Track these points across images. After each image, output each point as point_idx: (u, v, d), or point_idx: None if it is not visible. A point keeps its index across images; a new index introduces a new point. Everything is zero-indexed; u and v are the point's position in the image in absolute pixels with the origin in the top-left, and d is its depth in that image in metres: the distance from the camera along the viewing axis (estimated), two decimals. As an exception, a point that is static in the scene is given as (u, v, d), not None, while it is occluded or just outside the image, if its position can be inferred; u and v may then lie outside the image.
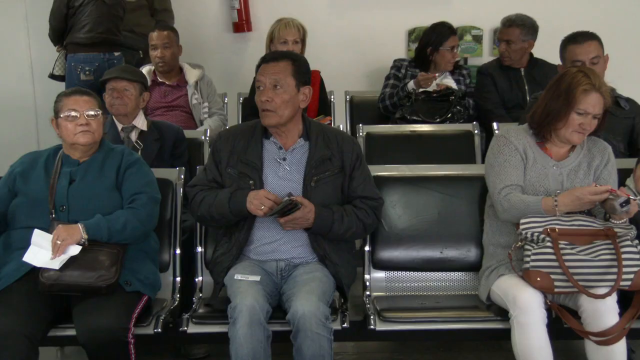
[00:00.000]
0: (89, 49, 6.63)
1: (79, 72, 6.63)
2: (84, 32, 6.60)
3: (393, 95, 6.04)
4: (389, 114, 6.07)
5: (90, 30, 6.59)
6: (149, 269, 3.90)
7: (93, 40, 6.62)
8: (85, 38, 6.60)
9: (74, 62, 6.67)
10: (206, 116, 5.92)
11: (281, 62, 3.79)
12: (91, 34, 6.60)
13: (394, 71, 6.26)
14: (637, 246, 3.66)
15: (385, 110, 6.11)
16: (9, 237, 3.84)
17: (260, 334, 3.49)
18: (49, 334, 3.65)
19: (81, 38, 6.62)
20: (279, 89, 3.77)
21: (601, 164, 3.91)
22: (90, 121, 3.83)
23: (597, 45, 4.73)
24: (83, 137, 3.83)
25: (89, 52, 6.64)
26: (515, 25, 6.09)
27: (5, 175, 3.94)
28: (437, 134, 5.59)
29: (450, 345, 4.70)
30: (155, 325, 3.71)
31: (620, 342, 3.54)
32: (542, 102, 3.83)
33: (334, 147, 3.91)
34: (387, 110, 6.09)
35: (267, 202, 3.65)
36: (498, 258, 3.91)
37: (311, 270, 3.79)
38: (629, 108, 4.84)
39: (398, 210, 4.21)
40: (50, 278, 3.59)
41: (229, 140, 3.97)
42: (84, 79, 6.58)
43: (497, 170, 3.87)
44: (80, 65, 6.65)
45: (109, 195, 3.84)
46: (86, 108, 3.85)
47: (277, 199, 3.67)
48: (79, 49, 6.64)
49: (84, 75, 6.60)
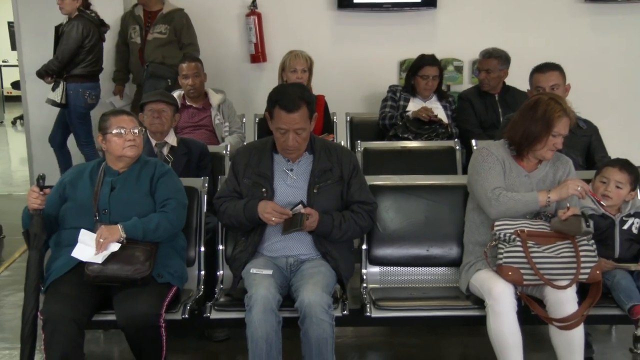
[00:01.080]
0: (93, 79, 7.12)
1: (87, 97, 7.05)
2: (91, 67, 7.03)
3: (393, 116, 6.05)
4: (387, 131, 6.07)
5: (96, 65, 7.09)
6: (178, 263, 3.90)
7: (96, 73, 7.14)
8: (92, 71, 7.07)
9: (81, 89, 7.03)
10: (227, 134, 5.91)
11: (300, 110, 3.73)
12: (96, 68, 7.12)
13: (391, 94, 6.24)
14: (593, 245, 3.69)
15: (384, 127, 6.11)
16: (59, 236, 3.83)
17: (273, 319, 3.50)
18: (93, 318, 3.65)
19: (88, 71, 7.03)
20: (302, 133, 3.78)
21: (564, 175, 3.92)
22: (135, 137, 3.86)
23: (558, 75, 4.74)
24: (130, 151, 3.85)
25: (92, 81, 7.11)
26: (493, 56, 6.11)
27: (56, 184, 3.93)
28: (424, 150, 5.57)
29: (435, 330, 4.68)
30: (182, 312, 3.72)
31: (579, 327, 3.58)
32: (521, 127, 3.82)
33: (334, 159, 3.91)
34: (385, 127, 6.09)
35: (276, 213, 3.68)
36: (476, 255, 3.90)
37: (316, 265, 3.79)
38: (586, 127, 4.87)
39: (391, 214, 4.20)
40: (94, 271, 3.60)
41: (245, 155, 3.98)
42: (90, 102, 7.12)
43: (484, 176, 3.86)
44: (87, 92, 7.06)
45: (144, 200, 3.84)
46: (132, 126, 3.87)
47: (284, 210, 3.70)
48: (85, 79, 7.03)
49: (90, 100, 7.10)
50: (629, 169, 3.92)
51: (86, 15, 6.89)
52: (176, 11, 7.26)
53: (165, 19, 7.21)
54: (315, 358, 3.53)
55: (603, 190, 3.90)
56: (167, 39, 7.18)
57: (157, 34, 7.18)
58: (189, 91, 5.90)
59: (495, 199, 3.77)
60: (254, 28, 7.89)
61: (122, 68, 7.51)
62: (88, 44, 6.89)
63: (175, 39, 7.20)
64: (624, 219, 3.93)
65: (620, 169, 3.90)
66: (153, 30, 7.20)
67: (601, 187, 3.91)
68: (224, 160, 5.05)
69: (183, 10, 7.29)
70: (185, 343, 4.44)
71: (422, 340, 4.60)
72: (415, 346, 4.55)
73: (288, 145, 3.80)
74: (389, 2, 7.92)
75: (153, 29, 7.20)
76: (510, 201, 3.76)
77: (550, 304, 3.62)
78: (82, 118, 7.10)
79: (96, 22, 6.97)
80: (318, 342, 3.50)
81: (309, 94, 3.91)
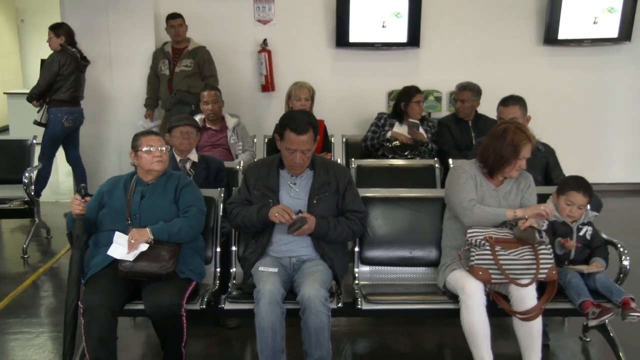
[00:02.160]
0: (70, 104, 7.06)
1: (64, 121, 7.05)
2: (69, 93, 7.00)
3: (373, 138, 6.05)
4: (368, 152, 6.07)
5: (73, 92, 7.04)
6: (197, 261, 3.89)
7: (72, 98, 7.06)
8: (69, 97, 7.02)
9: (60, 114, 7.02)
10: (240, 152, 5.90)
11: (307, 133, 3.74)
12: (74, 94, 7.05)
13: (376, 121, 6.24)
14: (550, 250, 3.69)
15: (366, 148, 6.11)
16: (97, 237, 3.83)
17: (277, 310, 3.49)
18: (125, 307, 3.64)
19: (67, 96, 7.00)
20: (307, 152, 3.79)
21: (525, 188, 3.93)
22: (162, 154, 3.86)
23: (518, 108, 4.77)
24: (157, 165, 3.85)
25: (70, 106, 7.06)
26: (467, 89, 6.13)
27: (95, 193, 3.93)
28: (408, 167, 5.56)
29: (416, 321, 4.67)
30: (200, 303, 3.70)
31: (538, 318, 3.58)
32: (492, 152, 3.83)
33: (331, 175, 3.91)
34: (367, 149, 6.09)
35: (285, 213, 3.68)
36: (451, 257, 3.89)
37: (315, 264, 3.79)
38: (544, 150, 4.88)
39: (379, 222, 4.18)
40: (126, 267, 3.61)
41: (255, 170, 3.98)
42: (67, 126, 7.10)
43: (460, 190, 3.86)
44: (65, 116, 7.06)
45: (169, 207, 3.84)
46: (159, 144, 3.87)
47: (291, 212, 3.69)
48: (63, 104, 7.00)
49: (67, 123, 7.09)
50: (590, 193, 3.91)
51: (68, 50, 6.98)
52: (199, 48, 7.34)
53: (191, 54, 7.29)
54: (314, 344, 3.52)
55: (568, 211, 3.90)
56: (192, 71, 7.24)
57: (184, 67, 7.25)
58: (209, 115, 5.91)
59: (470, 209, 3.79)
60: (265, 63, 7.96)
61: (153, 95, 7.53)
62: (65, 71, 6.93)
63: (199, 71, 7.27)
64: (579, 227, 3.93)
65: (583, 194, 3.89)
66: (180, 64, 7.26)
67: (567, 209, 3.90)
68: (238, 174, 5.04)
69: (205, 48, 7.35)
70: (202, 330, 4.42)
71: (405, 329, 4.58)
72: (399, 334, 4.54)
73: (295, 163, 3.81)
74: (379, 42, 7.99)
75: (180, 63, 7.27)
76: (482, 212, 3.78)
77: (514, 299, 3.61)
78: (54, 140, 7.12)
79: (75, 56, 7.05)
80: (316, 330, 3.50)
81: (315, 120, 3.90)
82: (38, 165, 6.49)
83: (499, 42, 8.13)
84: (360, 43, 8.01)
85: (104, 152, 7.83)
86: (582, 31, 8.02)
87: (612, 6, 7.90)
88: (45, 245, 6.48)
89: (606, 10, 7.93)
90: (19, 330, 4.60)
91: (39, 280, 5.57)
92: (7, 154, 6.35)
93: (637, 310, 3.57)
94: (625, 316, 3.57)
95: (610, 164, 8.40)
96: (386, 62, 8.13)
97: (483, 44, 8.11)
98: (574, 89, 8.27)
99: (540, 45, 8.17)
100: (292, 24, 8.04)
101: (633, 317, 3.55)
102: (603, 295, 3.71)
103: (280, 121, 3.90)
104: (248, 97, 8.09)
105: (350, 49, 8.06)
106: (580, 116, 8.31)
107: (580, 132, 8.24)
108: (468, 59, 7.99)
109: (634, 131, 8.42)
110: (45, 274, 5.70)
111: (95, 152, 7.89)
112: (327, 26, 8.07)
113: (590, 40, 8.09)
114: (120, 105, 7.85)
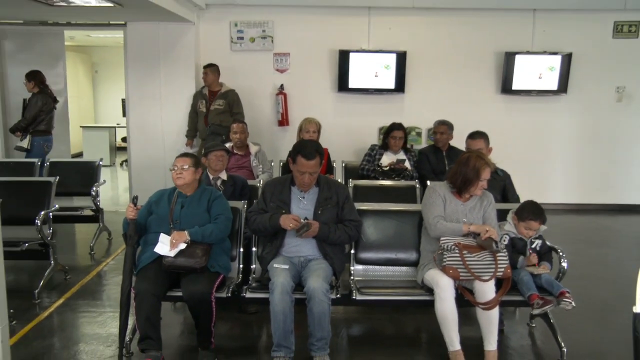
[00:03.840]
0: (47, 133, 7.29)
1: (45, 147, 7.25)
2: (47, 125, 7.25)
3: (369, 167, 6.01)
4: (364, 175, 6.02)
5: (48, 124, 7.28)
6: (225, 259, 3.84)
7: (49, 129, 7.30)
8: (46, 127, 7.25)
9: (42, 141, 7.25)
10: (260, 172, 5.86)
11: (315, 159, 3.72)
12: (49, 125, 7.29)
13: (369, 151, 6.19)
14: (506, 254, 3.66)
15: (361, 173, 6.06)
16: (146, 238, 3.80)
17: (288, 299, 3.47)
18: (167, 294, 3.62)
19: (45, 127, 7.23)
20: (314, 174, 3.77)
21: (487, 205, 3.88)
22: (182, 171, 3.80)
23: (483, 141, 4.75)
24: (177, 181, 3.81)
25: (47, 135, 7.30)
26: (444, 124, 6.08)
27: (146, 202, 3.91)
28: (395, 187, 5.50)
29: (399, 309, 4.61)
30: (227, 292, 3.67)
31: (496, 308, 3.55)
32: (459, 174, 3.79)
33: (333, 191, 3.87)
34: (363, 173, 6.04)
35: (293, 221, 3.66)
36: (428, 259, 3.84)
37: (318, 263, 3.74)
38: (502, 175, 4.85)
39: (371, 230, 4.13)
40: (169, 261, 3.59)
41: (272, 186, 3.94)
42: (46, 151, 7.25)
43: (429, 207, 3.84)
44: (46, 144, 7.31)
45: (203, 215, 3.80)
46: (181, 164, 3.81)
47: (299, 219, 3.67)
48: (45, 134, 7.24)
49: (46, 149, 7.28)
50: (543, 219, 3.88)
51: (46, 90, 7.21)
52: (230, 91, 7.33)
53: (223, 96, 7.28)
54: (317, 326, 3.50)
55: (525, 233, 3.86)
56: (223, 109, 7.22)
57: (217, 106, 7.22)
58: (236, 143, 5.87)
59: (434, 225, 3.78)
60: (281, 103, 7.99)
61: (192, 128, 7.51)
62: (45, 108, 7.15)
63: (229, 109, 7.24)
64: (532, 240, 3.89)
65: (540, 222, 3.86)
66: (214, 103, 7.25)
67: (525, 232, 3.87)
68: (258, 190, 4.99)
69: (234, 91, 7.34)
70: (228, 314, 4.37)
71: (390, 316, 4.52)
72: (386, 320, 4.47)
73: (304, 182, 3.78)
74: (372, 88, 8.02)
75: (214, 102, 7.25)
76: (443, 227, 3.76)
77: (477, 293, 3.57)
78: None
79: (52, 96, 7.29)
80: (319, 315, 3.47)
81: (321, 149, 3.88)
82: (103, 182, 6.46)
83: (467, 90, 8.15)
84: (357, 89, 8.01)
85: (153, 171, 7.81)
86: (530, 84, 8.08)
87: (553, 66, 8.03)
88: (107, 244, 6.46)
89: (548, 68, 8.04)
90: (87, 309, 4.58)
91: (102, 271, 5.56)
92: (80, 173, 6.34)
93: (569, 298, 3.57)
94: (560, 302, 3.58)
95: (551, 187, 8.39)
96: (377, 104, 8.13)
97: (454, 91, 8.13)
98: (524, 128, 8.30)
99: (498, 94, 8.20)
100: (304, 72, 8.05)
101: (566, 303, 3.56)
102: (546, 289, 3.70)
103: (294, 148, 3.88)
104: (267, 130, 8.10)
105: (349, 93, 8.05)
106: (529, 149, 8.31)
107: (529, 162, 8.22)
108: (442, 103, 7.98)
109: (569, 162, 8.44)
110: (106, 267, 5.68)
111: (146, 170, 7.89)
112: (331, 75, 8.07)
113: (536, 91, 8.14)
114: (167, 134, 7.86)
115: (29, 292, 4.76)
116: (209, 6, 7.85)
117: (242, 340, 4.11)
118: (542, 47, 8.03)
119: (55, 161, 6.43)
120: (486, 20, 7.99)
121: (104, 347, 3.91)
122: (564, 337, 3.84)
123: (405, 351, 3.92)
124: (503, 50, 8.01)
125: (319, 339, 3.52)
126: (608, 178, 8.43)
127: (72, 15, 7.41)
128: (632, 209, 8.40)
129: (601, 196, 8.45)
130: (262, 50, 7.98)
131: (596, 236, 7.20)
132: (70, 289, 5.00)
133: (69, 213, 6.12)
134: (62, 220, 6.07)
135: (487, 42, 8.05)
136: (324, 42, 7.98)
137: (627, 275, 5.52)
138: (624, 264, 5.99)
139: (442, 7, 7.89)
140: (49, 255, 4.97)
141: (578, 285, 4.22)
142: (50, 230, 4.96)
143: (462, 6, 7.89)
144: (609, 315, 4.57)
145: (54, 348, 3.90)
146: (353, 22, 7.95)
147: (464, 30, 8.02)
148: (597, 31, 8.05)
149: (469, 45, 8.06)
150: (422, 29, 8.03)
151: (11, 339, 3.74)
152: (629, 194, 8.45)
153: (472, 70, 8.12)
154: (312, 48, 8.01)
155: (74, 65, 13.04)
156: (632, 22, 8.00)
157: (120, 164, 12.43)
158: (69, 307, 4.62)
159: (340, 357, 3.80)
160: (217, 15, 7.87)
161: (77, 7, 6.31)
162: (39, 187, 5.09)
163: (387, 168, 5.92)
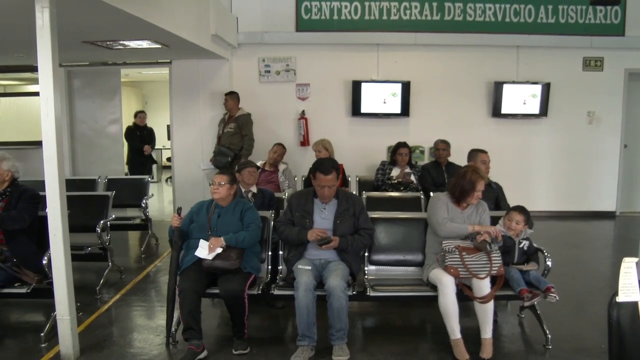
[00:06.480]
0: None
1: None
2: None
3: (381, 180, 6.03)
4: (378, 187, 6.03)
5: None
6: (255, 261, 3.83)
7: None
8: None
9: None
10: (286, 187, 5.88)
11: (332, 174, 3.71)
12: None
13: (381, 167, 6.22)
14: (499, 255, 3.62)
15: (376, 185, 6.07)
16: (188, 243, 3.80)
17: (311, 296, 3.45)
18: (207, 291, 3.62)
19: None
20: (332, 187, 3.75)
21: (482, 212, 3.86)
22: (219, 186, 3.80)
23: (486, 156, 4.83)
24: (215, 195, 3.81)
25: None
26: (444, 142, 6.15)
27: (188, 212, 3.91)
28: (402, 197, 5.48)
29: (408, 304, 4.56)
30: (257, 290, 3.66)
31: (490, 302, 3.51)
32: (458, 186, 3.79)
33: (350, 202, 3.85)
34: (377, 186, 6.04)
35: (319, 234, 3.67)
36: (432, 260, 3.81)
37: (337, 264, 3.71)
38: (495, 187, 4.83)
39: (382, 235, 4.10)
40: (207, 263, 3.59)
41: (296, 198, 3.93)
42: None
43: (436, 211, 3.82)
44: None
45: (236, 223, 3.79)
46: (219, 180, 3.81)
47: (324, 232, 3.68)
48: None
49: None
50: (524, 212, 3.85)
51: None
52: (242, 115, 7.12)
53: (235, 120, 7.08)
54: (336, 319, 3.47)
55: (509, 225, 3.82)
56: (234, 132, 7.00)
57: (229, 129, 7.04)
58: (270, 160, 5.91)
59: (443, 225, 3.75)
60: (303, 126, 8.00)
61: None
62: None
63: (239, 132, 7.02)
64: (520, 240, 3.83)
65: (519, 212, 3.84)
66: (227, 127, 7.08)
67: (508, 223, 3.83)
68: (284, 202, 4.99)
69: (247, 114, 7.15)
70: (259, 308, 4.35)
71: (400, 310, 4.48)
72: (395, 313, 4.43)
73: (324, 195, 3.77)
74: (382, 113, 8.00)
75: (227, 126, 7.09)
76: (451, 226, 3.73)
77: (474, 289, 3.53)
78: None
79: None
80: (338, 310, 3.45)
81: (336, 164, 3.87)
82: (151, 195, 6.50)
83: (463, 114, 8.13)
84: (368, 113, 7.98)
85: (193, 186, 7.84)
86: (516, 108, 8.08)
87: (535, 93, 8.07)
88: (155, 249, 6.48)
89: (531, 95, 8.07)
90: (138, 304, 4.60)
91: (151, 272, 5.57)
92: (132, 188, 6.37)
93: (555, 293, 3.56)
94: (547, 296, 3.57)
95: (536, 197, 8.31)
96: (386, 127, 8.10)
97: (452, 115, 8.10)
98: (512, 146, 8.26)
99: (489, 117, 8.18)
100: (322, 100, 8.05)
101: (552, 297, 3.55)
102: (534, 285, 3.67)
103: (313, 166, 3.88)
104: (291, 150, 7.98)
105: (361, 117, 8.03)
106: (516, 164, 8.27)
107: (516, 175, 8.16)
108: (442, 125, 7.94)
109: (550, 175, 8.41)
110: (154, 268, 5.70)
111: (188, 185, 7.91)
112: (346, 102, 8.06)
113: (521, 115, 8.13)
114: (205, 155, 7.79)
115: (91, 288, 4.81)
116: (240, 45, 7.92)
117: (271, 331, 4.09)
118: (525, 77, 8.07)
119: (112, 178, 6.49)
120: (478, 55, 8.04)
121: (154, 336, 3.92)
122: (548, 325, 3.81)
123: (412, 340, 3.88)
124: (493, 80, 8.04)
125: (337, 330, 3.49)
126: (583, 188, 8.44)
127: (127, 56, 7.51)
128: (603, 215, 8.41)
129: (577, 204, 8.46)
130: (286, 82, 8.01)
131: (573, 238, 7.18)
132: (125, 286, 5.03)
133: (123, 222, 6.19)
134: (117, 228, 6.14)
135: (479, 74, 8.08)
136: (339, 73, 7.99)
137: (599, 272, 5.64)
138: (595, 263, 5.98)
139: (440, 44, 7.95)
140: (107, 258, 5.02)
141: (559, 281, 4.19)
142: (108, 237, 5.02)
143: (457, 43, 7.94)
144: (584, 306, 4.54)
145: (113, 336, 3.93)
146: (364, 56, 7.98)
147: (459, 63, 8.06)
148: (570, 65, 8.17)
149: (464, 76, 8.08)
150: (423, 62, 8.05)
151: (79, 328, 3.77)
152: (600, 201, 8.49)
153: (466, 97, 8.12)
154: (329, 79, 8.02)
155: (128, 98, 13.20)
156: (598, 57, 8.17)
157: (165, 180, 12.53)
158: (124, 301, 4.65)
159: (357, 345, 3.77)
160: (248, 53, 7.94)
161: (132, 50, 6.42)
162: (99, 200, 5.15)
163: (396, 181, 5.92)
